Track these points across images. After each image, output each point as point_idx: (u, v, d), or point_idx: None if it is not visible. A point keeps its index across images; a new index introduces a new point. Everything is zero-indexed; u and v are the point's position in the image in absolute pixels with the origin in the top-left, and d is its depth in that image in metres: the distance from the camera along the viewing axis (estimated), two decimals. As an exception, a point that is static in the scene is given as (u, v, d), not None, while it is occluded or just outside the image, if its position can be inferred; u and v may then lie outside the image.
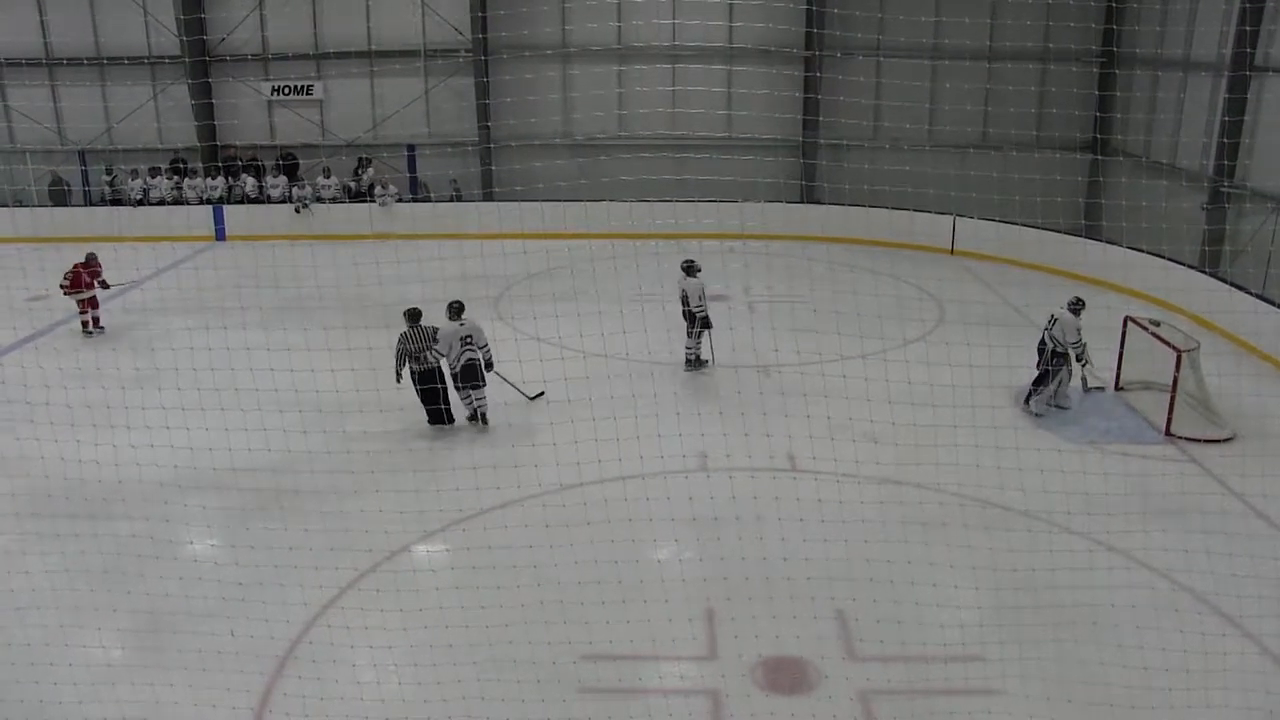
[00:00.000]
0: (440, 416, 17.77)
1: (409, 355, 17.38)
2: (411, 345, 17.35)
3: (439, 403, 17.67)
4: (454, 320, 17.63)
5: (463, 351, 17.51)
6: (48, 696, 10.46)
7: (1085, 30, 30.38)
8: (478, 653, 10.86)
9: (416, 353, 17.36)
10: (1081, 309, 17.88)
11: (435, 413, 17.76)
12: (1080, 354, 17.96)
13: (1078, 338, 17.72)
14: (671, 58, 33.93)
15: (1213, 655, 10.87)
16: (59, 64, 35.95)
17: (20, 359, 20.96)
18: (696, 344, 20.13)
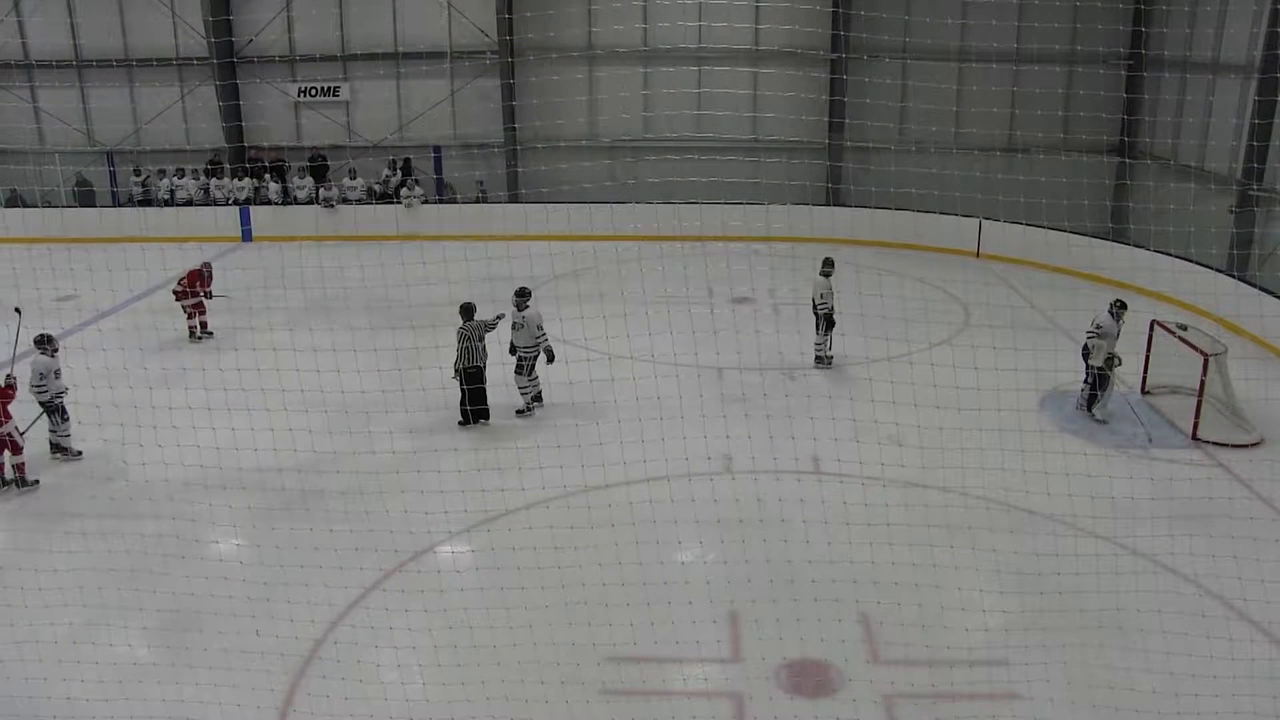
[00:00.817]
0: (473, 416, 17.82)
1: (471, 352, 17.53)
2: (475, 342, 17.53)
3: (480, 402, 17.75)
4: (527, 307, 17.94)
5: (539, 337, 17.81)
6: (75, 694, 10.51)
7: (1112, 32, 30.29)
8: (501, 654, 10.87)
9: (469, 349, 17.46)
10: (1116, 312, 17.75)
11: (472, 411, 17.83)
12: (1086, 355, 17.88)
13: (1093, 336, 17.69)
14: (697, 60, 33.92)
15: (1240, 662, 10.82)
16: (88, 66, 36.21)
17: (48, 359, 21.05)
18: (824, 341, 20.30)
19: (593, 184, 32.58)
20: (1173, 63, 29.76)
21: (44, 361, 16.81)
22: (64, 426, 16.93)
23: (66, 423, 16.92)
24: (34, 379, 16.74)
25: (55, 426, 16.94)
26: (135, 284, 26.64)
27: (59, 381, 16.88)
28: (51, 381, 16.76)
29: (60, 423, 16.89)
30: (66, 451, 16.95)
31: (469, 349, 17.52)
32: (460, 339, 17.59)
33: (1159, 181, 29.19)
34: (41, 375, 16.74)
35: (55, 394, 16.79)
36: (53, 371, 16.83)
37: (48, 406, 16.86)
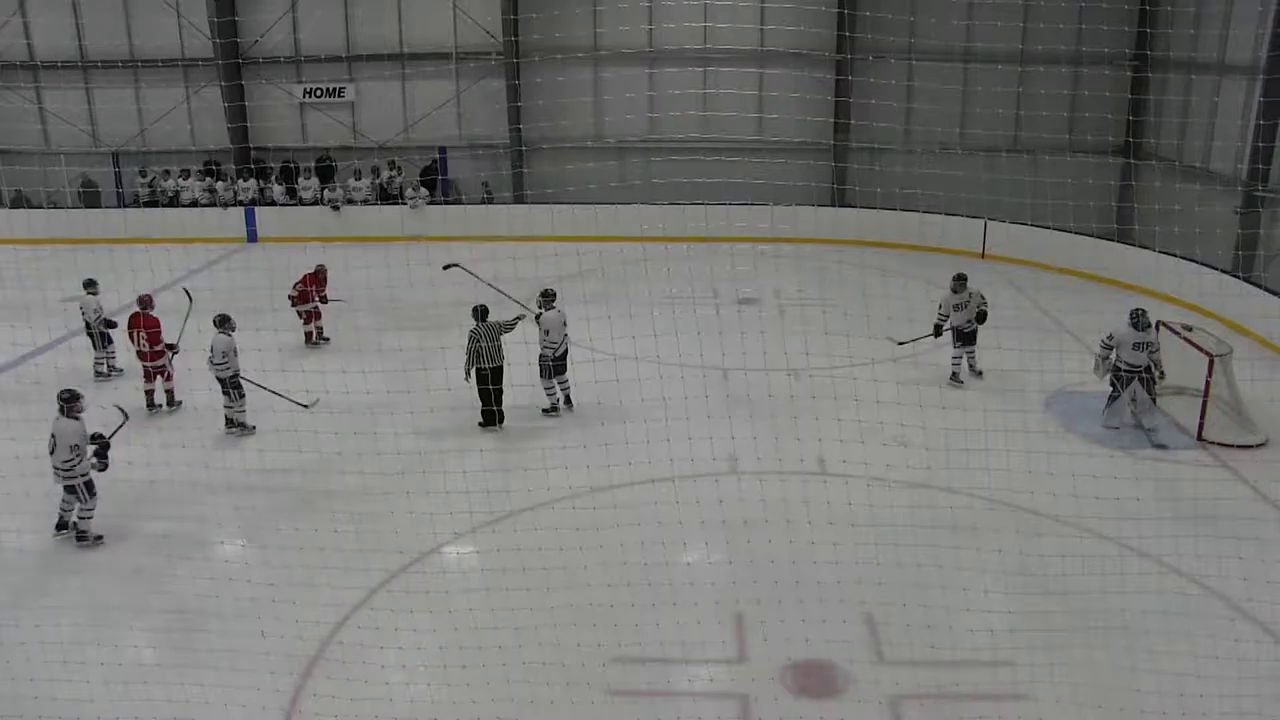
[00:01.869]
0: (494, 418, 17.83)
1: (478, 353, 17.48)
2: (483, 343, 17.45)
3: (497, 403, 17.76)
4: (552, 307, 17.94)
5: (565, 337, 17.93)
6: (80, 695, 10.52)
7: (1118, 33, 30.21)
8: (507, 655, 10.87)
9: (487, 350, 17.45)
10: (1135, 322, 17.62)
11: (490, 414, 17.83)
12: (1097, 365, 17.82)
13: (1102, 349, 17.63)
14: (703, 60, 33.92)
15: (1245, 663, 10.80)
16: (93, 67, 36.26)
17: (54, 359, 21.10)
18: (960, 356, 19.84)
19: (598, 185, 32.57)
20: (1178, 64, 29.73)
21: (224, 340, 17.49)
22: (240, 403, 17.75)
23: (243, 399, 17.74)
24: (215, 356, 17.41)
25: (232, 403, 17.75)
26: (140, 285, 26.64)
27: (237, 359, 17.56)
28: (232, 359, 17.49)
29: (236, 399, 17.70)
30: (243, 426, 17.66)
31: (483, 350, 17.50)
32: (471, 340, 17.57)
33: (1164, 182, 29.14)
34: (223, 353, 17.42)
35: (235, 371, 17.51)
36: (232, 350, 17.52)
37: (228, 383, 17.59)
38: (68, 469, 13.92)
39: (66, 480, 14.04)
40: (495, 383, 17.53)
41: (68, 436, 13.86)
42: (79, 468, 13.92)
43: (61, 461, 13.90)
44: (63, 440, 13.86)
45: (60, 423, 13.96)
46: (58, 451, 13.90)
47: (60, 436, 13.87)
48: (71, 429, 13.92)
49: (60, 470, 13.99)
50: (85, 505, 14.14)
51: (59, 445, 13.89)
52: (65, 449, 13.84)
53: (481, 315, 17.70)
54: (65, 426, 13.93)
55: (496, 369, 17.53)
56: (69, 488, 14.13)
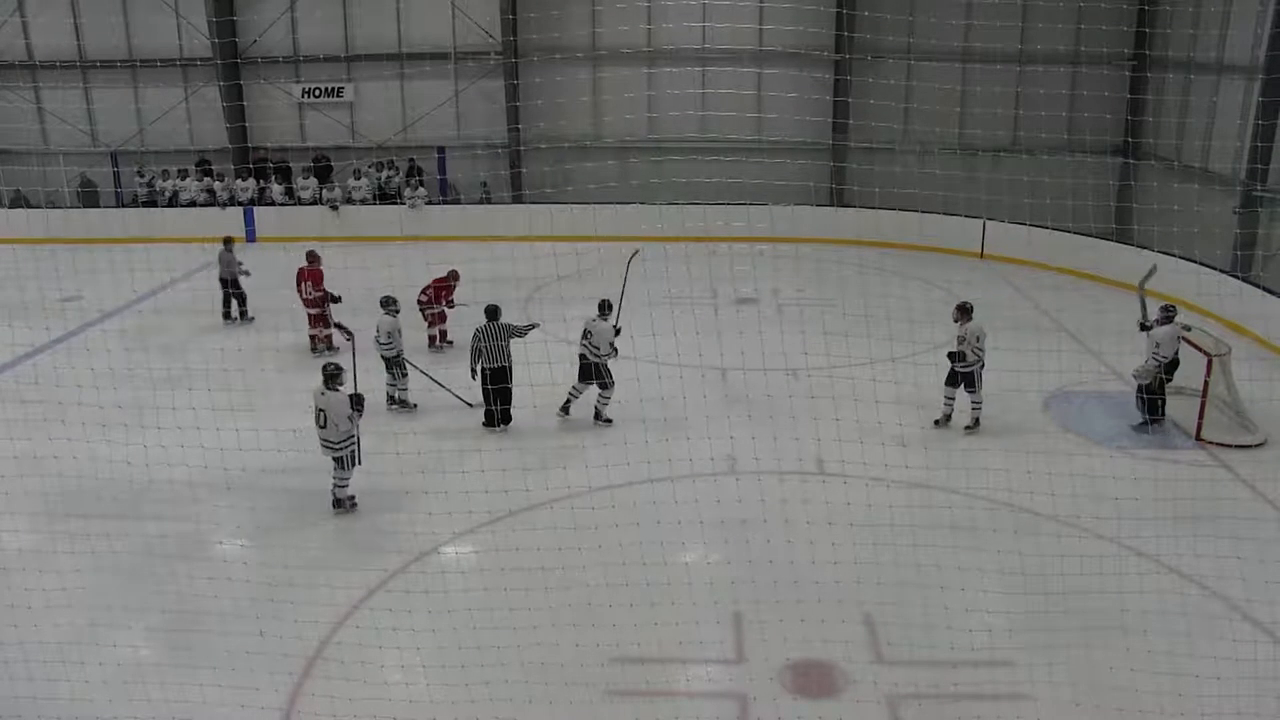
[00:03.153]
0: (494, 418, 17.80)
1: (480, 352, 17.47)
2: (485, 342, 17.41)
3: (504, 403, 17.70)
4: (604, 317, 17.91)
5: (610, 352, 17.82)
6: (78, 695, 10.52)
7: (1116, 33, 30.23)
8: (505, 655, 10.87)
9: (490, 350, 17.40)
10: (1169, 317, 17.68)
11: (492, 414, 17.80)
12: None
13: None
14: (701, 60, 33.93)
15: (1243, 662, 10.80)
16: (92, 66, 36.26)
17: (53, 359, 21.11)
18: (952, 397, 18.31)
19: (597, 185, 32.56)
20: (1177, 63, 29.74)
21: (389, 321, 18.27)
22: (403, 381, 18.58)
23: (406, 378, 18.59)
24: (381, 336, 18.25)
25: (395, 380, 18.59)
26: (139, 285, 26.65)
27: (401, 339, 18.35)
28: (396, 339, 18.28)
29: (400, 377, 18.53)
30: (405, 404, 18.38)
31: (484, 350, 17.46)
32: (476, 339, 17.54)
33: (1163, 182, 29.15)
34: (389, 334, 18.25)
35: (399, 351, 18.28)
36: (396, 330, 18.31)
37: (392, 361, 18.37)
38: (340, 441, 14.58)
39: (337, 452, 14.66)
40: (496, 383, 17.49)
41: (339, 408, 14.44)
42: (350, 439, 14.65)
43: (336, 432, 14.50)
44: (335, 413, 14.43)
45: (328, 397, 14.46)
46: (329, 425, 14.48)
47: (330, 410, 14.42)
48: (340, 401, 14.48)
49: (332, 443, 14.59)
50: (345, 474, 14.82)
51: (330, 419, 14.45)
52: (342, 419, 14.45)
53: (491, 315, 17.67)
54: (334, 400, 14.46)
55: (499, 369, 17.46)
56: (338, 459, 14.72)
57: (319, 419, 14.55)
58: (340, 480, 14.89)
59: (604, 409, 18.00)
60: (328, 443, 14.63)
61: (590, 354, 17.75)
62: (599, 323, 17.77)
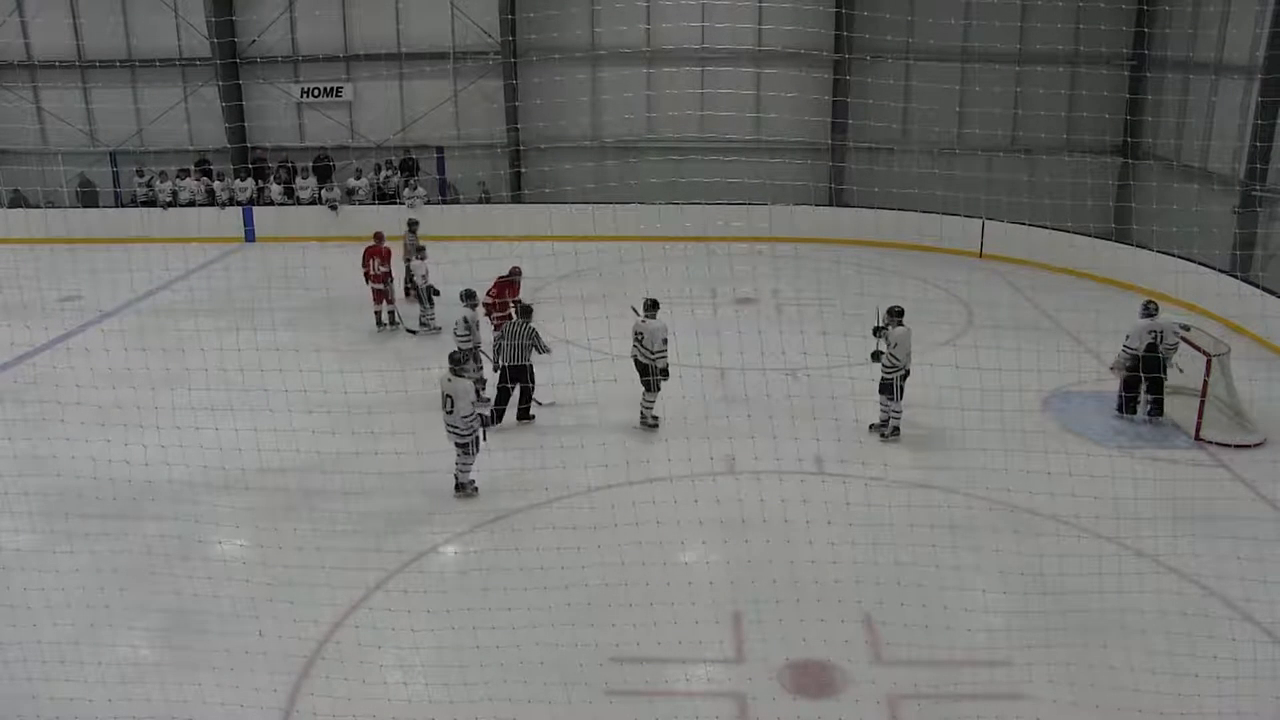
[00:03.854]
0: (496, 417, 17.81)
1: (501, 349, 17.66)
2: (509, 340, 17.57)
3: (523, 401, 17.73)
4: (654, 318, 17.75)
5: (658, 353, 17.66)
6: (77, 695, 10.51)
7: (1115, 33, 30.22)
8: (504, 654, 10.88)
9: (513, 347, 17.53)
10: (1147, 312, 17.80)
11: (497, 413, 17.85)
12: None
13: None
14: (700, 60, 33.90)
15: (1243, 662, 10.81)
16: (91, 66, 36.23)
17: (52, 359, 21.10)
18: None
19: (596, 184, 32.57)
20: (1176, 63, 29.73)
21: (468, 313, 18.51)
22: (479, 373, 18.39)
23: (480, 369, 18.53)
24: (459, 328, 18.49)
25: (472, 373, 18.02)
26: (138, 284, 26.66)
27: (479, 333, 18.59)
28: (474, 332, 18.50)
29: (475, 370, 18.16)
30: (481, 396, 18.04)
31: (514, 347, 17.48)
32: (501, 335, 17.60)
33: (1162, 182, 29.17)
34: (466, 324, 18.47)
35: (476, 344, 18.41)
36: (475, 323, 18.57)
37: (469, 354, 18.04)
38: (466, 426, 15.01)
39: (461, 438, 15.09)
40: (510, 381, 17.50)
41: (465, 395, 14.88)
42: (475, 424, 15.11)
43: (461, 419, 14.92)
44: (461, 399, 14.85)
45: (455, 383, 14.92)
46: (456, 411, 14.89)
47: (456, 396, 14.85)
48: (466, 388, 14.97)
49: (457, 429, 15.02)
50: (468, 459, 15.29)
51: (457, 405, 14.87)
52: (466, 405, 14.87)
53: (524, 314, 17.72)
54: (460, 386, 14.92)
55: (516, 368, 17.47)
56: (462, 445, 15.15)
57: (445, 404, 14.97)
58: (463, 465, 15.35)
59: (648, 412, 17.97)
60: (452, 428, 15.07)
61: (643, 356, 17.69)
62: (649, 322, 17.69)
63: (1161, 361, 17.68)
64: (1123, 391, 18.17)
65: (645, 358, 17.57)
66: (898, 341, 16.91)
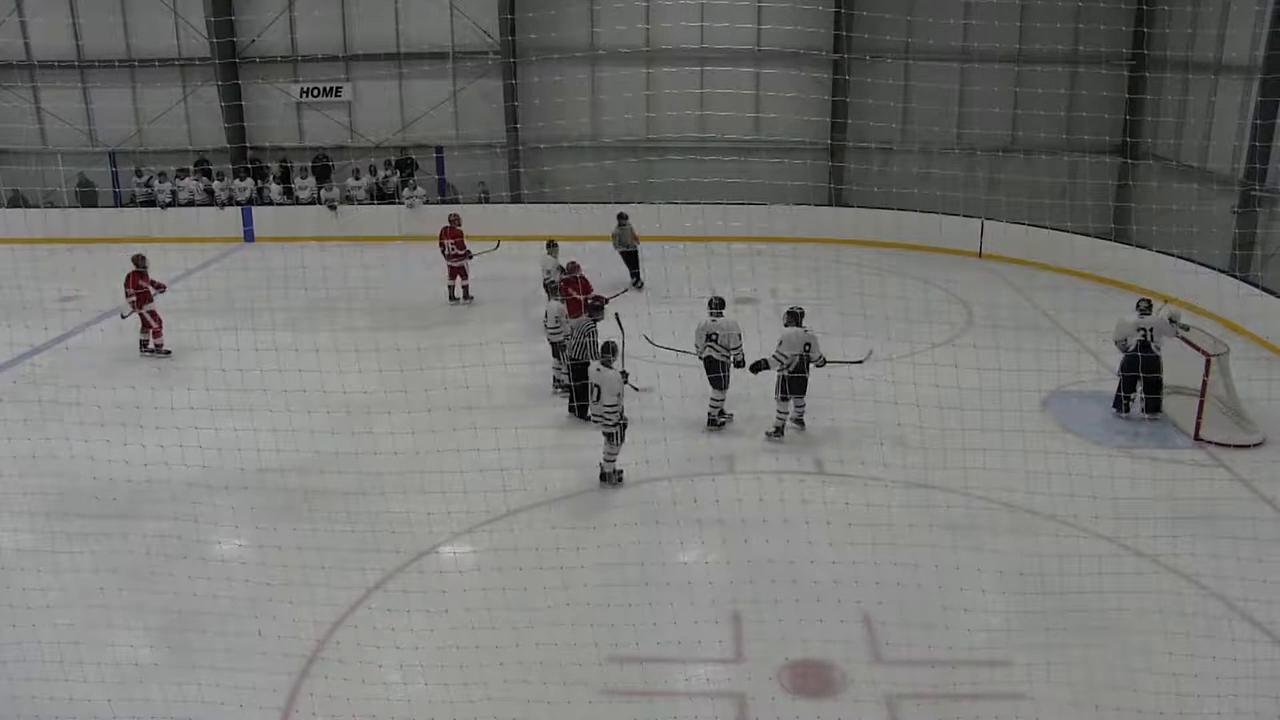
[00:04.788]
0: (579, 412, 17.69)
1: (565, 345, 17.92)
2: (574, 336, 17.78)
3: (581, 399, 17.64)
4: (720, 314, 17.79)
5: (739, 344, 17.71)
6: (76, 695, 10.50)
7: (1115, 33, 30.22)
8: (503, 654, 10.86)
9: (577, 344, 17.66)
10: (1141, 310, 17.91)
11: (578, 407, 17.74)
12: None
13: None
14: (699, 60, 33.89)
15: (1242, 663, 10.80)
16: (90, 66, 36.22)
17: (51, 359, 21.10)
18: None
19: (595, 185, 32.56)
20: (1175, 63, 29.73)
21: (557, 306, 19.18)
22: (565, 365, 18.75)
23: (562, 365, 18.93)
24: (549, 321, 19.13)
25: (559, 365, 19.22)
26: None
27: (569, 324, 18.55)
28: (564, 324, 18.78)
29: (563, 362, 18.80)
30: (567, 388, 18.73)
31: (580, 344, 17.59)
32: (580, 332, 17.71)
33: (1161, 182, 29.20)
34: (556, 319, 19.03)
35: (564, 336, 18.56)
36: (564, 315, 18.95)
37: (558, 346, 19.01)
38: (611, 415, 15.28)
39: (607, 427, 15.40)
40: (574, 379, 17.61)
41: (611, 384, 15.18)
42: (620, 413, 15.35)
43: (606, 408, 15.22)
44: (608, 389, 15.16)
45: (603, 373, 15.25)
46: (603, 399, 15.22)
47: (604, 385, 15.18)
48: (613, 378, 15.23)
49: (603, 418, 15.34)
50: (614, 449, 15.57)
51: (603, 394, 15.20)
52: (611, 395, 15.16)
53: (590, 310, 17.94)
54: (609, 376, 15.22)
55: (577, 366, 17.53)
56: (608, 434, 15.47)
57: (593, 394, 15.30)
58: (609, 455, 15.61)
59: (714, 411, 18.00)
60: (599, 417, 15.38)
61: (718, 354, 17.66)
62: (720, 320, 17.68)
63: (1158, 360, 17.74)
64: (1120, 390, 18.21)
65: (721, 355, 17.59)
66: (782, 340, 17.19)
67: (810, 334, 17.22)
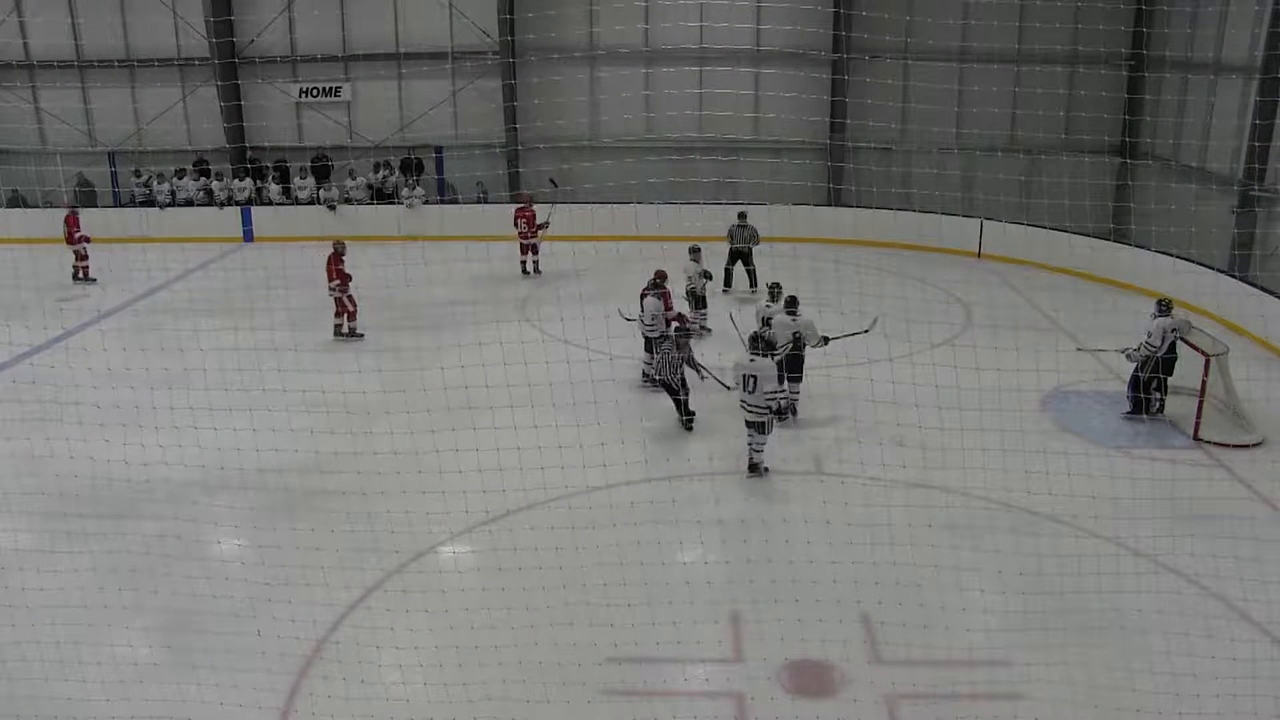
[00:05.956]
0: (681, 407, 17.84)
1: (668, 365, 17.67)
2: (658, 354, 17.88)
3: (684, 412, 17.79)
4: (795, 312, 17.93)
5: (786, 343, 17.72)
6: (76, 695, 10.51)
7: (1114, 33, 30.23)
8: (503, 654, 10.87)
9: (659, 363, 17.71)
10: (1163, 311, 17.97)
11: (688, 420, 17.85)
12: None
13: None
14: (699, 60, 33.90)
15: (1241, 662, 10.82)
16: (89, 66, 36.21)
17: (50, 359, 21.10)
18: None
19: (594, 184, 32.54)
20: (1174, 63, 29.74)
21: (653, 304, 19.31)
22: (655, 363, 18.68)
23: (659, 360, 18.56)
24: (646, 318, 19.37)
25: (650, 361, 19.25)
26: (136, 284, 26.65)
27: (661, 321, 19.06)
28: (659, 322, 19.09)
29: (653, 358, 18.87)
30: (654, 381, 18.89)
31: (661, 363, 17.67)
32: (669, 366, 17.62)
33: (1160, 182, 29.18)
34: (653, 315, 19.26)
35: (660, 333, 18.85)
36: (661, 313, 19.18)
37: (654, 343, 18.97)
38: (767, 404, 15.59)
39: (758, 417, 15.66)
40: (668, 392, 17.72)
41: (768, 373, 15.58)
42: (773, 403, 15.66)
43: (762, 395, 15.47)
44: (764, 377, 15.47)
45: (758, 363, 15.54)
46: (759, 390, 15.44)
47: (760, 375, 15.44)
48: (769, 366, 15.73)
49: (759, 407, 15.58)
50: (762, 439, 15.84)
51: (760, 383, 15.45)
52: (769, 384, 15.53)
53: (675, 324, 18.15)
54: (764, 365, 15.60)
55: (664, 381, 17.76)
56: (757, 424, 15.72)
57: (747, 384, 15.49)
58: (757, 444, 15.89)
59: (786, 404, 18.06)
60: (752, 407, 15.58)
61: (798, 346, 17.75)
62: (800, 318, 17.78)
63: (1173, 361, 17.78)
64: (1131, 392, 18.12)
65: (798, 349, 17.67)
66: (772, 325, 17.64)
67: (800, 322, 17.32)
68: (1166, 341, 17.62)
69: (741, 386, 15.64)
